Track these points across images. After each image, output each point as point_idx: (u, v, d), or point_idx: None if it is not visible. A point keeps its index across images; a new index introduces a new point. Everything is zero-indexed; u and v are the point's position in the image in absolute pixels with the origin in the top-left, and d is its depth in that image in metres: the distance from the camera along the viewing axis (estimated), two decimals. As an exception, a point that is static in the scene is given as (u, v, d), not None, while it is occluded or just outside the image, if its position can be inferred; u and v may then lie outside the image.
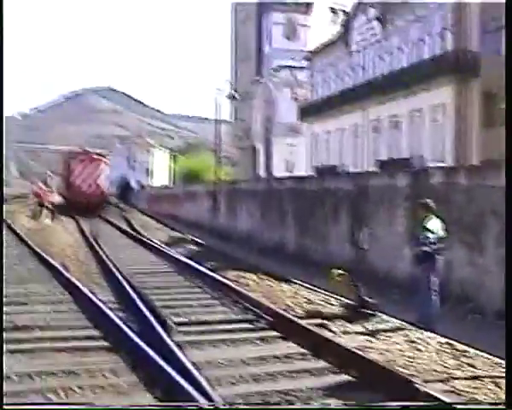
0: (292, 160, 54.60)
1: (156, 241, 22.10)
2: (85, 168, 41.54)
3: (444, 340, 8.99)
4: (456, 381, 6.96)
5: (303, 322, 9.28)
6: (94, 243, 20.07)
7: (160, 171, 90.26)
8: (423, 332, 9.48)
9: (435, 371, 7.40)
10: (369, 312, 10.49)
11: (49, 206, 34.98)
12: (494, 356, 8.00)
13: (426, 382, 6.75)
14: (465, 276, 12.85)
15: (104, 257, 16.17)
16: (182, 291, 12.58)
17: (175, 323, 9.43)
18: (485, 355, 8.18)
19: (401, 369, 7.22)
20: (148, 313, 9.14)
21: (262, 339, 8.76)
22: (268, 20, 58.45)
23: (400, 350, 8.29)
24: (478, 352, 8.37)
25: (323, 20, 51.87)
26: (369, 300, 10.74)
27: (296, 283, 13.78)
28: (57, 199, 43.50)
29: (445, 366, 7.60)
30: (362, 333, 9.32)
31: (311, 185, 20.04)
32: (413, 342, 8.85)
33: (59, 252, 18.77)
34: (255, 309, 10.36)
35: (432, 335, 9.35)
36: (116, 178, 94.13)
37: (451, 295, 12.44)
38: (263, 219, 24.18)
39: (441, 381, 6.98)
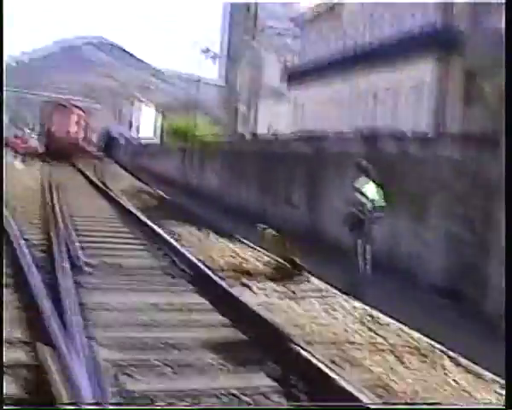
0: (275, 123, 53.95)
1: (115, 192, 21.74)
2: (62, 118, 44.21)
3: (359, 305, 8.72)
4: (350, 345, 6.67)
5: (219, 276, 9.00)
6: (51, 187, 19.75)
7: (148, 126, 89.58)
8: (348, 299, 9.19)
9: (334, 333, 7.13)
10: (296, 272, 10.27)
11: (20, 151, 36.09)
12: (407, 326, 7.74)
13: (317, 344, 6.47)
14: (405, 248, 12.58)
15: (51, 200, 15.84)
16: (115, 236, 12.32)
17: (86, 264, 9.19)
18: (399, 325, 7.90)
19: (297, 330, 6.93)
20: (57, 254, 8.86)
21: (170, 291, 8.46)
22: (263, -19, 57.37)
23: (307, 311, 8.01)
24: (392, 321, 8.11)
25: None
26: (297, 260, 10.49)
27: (242, 242, 13.43)
28: (32, 146, 45.17)
29: (347, 330, 7.31)
30: (278, 292, 9.04)
31: (273, 147, 19.65)
32: (327, 305, 8.59)
33: (11, 191, 18.44)
34: (177, 260, 10.09)
35: (353, 302, 9.08)
36: (101, 130, 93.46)
37: (388, 265, 12.19)
38: (228, 178, 23.85)
39: (334, 343, 6.69)
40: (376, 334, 7.29)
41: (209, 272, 8.83)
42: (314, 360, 5.41)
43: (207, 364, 5.66)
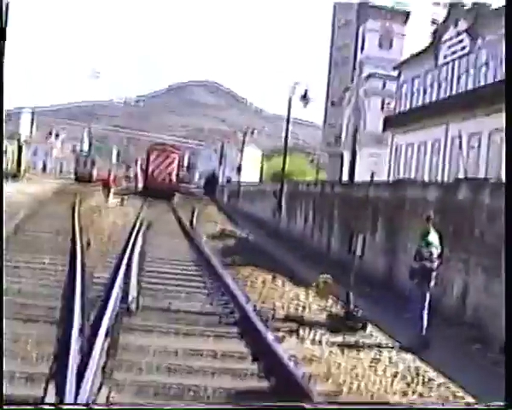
0: (376, 170, 53.29)
1: (201, 233, 22.10)
2: (160, 159, 47.57)
3: (415, 365, 8.24)
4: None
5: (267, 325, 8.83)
6: (140, 226, 20.37)
7: (249, 167, 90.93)
8: (402, 354, 8.76)
9: (371, 394, 6.72)
10: (353, 324, 9.93)
11: (113, 188, 37.99)
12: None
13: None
14: (471, 299, 11.87)
15: (133, 240, 16.21)
16: (179, 279, 12.41)
17: (138, 306, 9.32)
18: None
19: (328, 386, 6.64)
20: (112, 295, 9.09)
21: (217, 336, 8.38)
22: (364, 27, 57.31)
23: (352, 366, 7.61)
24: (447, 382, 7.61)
25: (419, 30, 50.26)
26: (355, 311, 10.15)
27: (309, 287, 13.14)
28: (124, 184, 47.87)
29: (387, 391, 6.88)
30: (330, 342, 8.74)
31: (357, 192, 19.33)
32: (378, 361, 8.18)
33: (97, 229, 19.21)
34: (232, 306, 10.01)
35: (409, 357, 8.62)
36: (204, 170, 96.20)
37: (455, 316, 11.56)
38: (313, 222, 23.66)
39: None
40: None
41: (257, 323, 8.58)
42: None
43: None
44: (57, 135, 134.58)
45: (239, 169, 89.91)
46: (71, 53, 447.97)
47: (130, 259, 13.03)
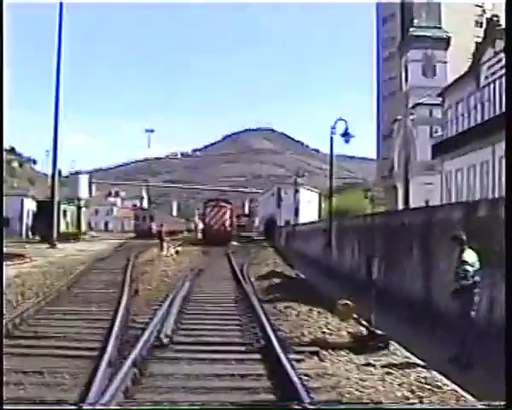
0: (430, 197, 53.15)
1: (250, 275, 22.83)
2: (214, 212, 56.86)
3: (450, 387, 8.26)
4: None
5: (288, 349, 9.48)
6: (190, 273, 21.39)
7: (307, 209, 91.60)
8: (432, 372, 8.95)
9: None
10: (375, 344, 10.38)
11: (166, 239, 40.06)
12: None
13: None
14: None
15: (179, 286, 17.12)
16: (217, 319, 13.06)
17: (170, 341, 10.11)
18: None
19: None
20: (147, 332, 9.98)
21: (237, 360, 9.08)
22: (406, 58, 57.89)
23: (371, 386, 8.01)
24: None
25: (461, 55, 50.45)
26: (376, 331, 10.62)
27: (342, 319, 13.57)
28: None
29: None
30: (349, 362, 9.27)
31: (395, 220, 19.76)
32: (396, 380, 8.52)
33: (147, 278, 20.20)
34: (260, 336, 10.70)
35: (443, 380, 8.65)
36: (264, 215, 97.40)
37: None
38: (359, 254, 24.04)
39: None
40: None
41: (278, 349, 9.21)
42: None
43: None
44: (117, 193, 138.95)
45: (296, 211, 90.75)
46: (121, 109, 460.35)
47: (172, 302, 13.95)
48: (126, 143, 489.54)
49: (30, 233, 57.02)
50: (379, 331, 10.72)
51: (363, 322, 11.76)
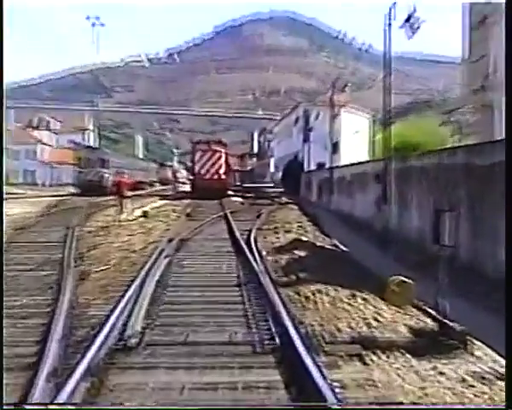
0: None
1: (260, 248, 23.31)
2: (205, 157, 64.79)
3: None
4: None
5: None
6: (168, 248, 22.07)
7: (354, 144, 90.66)
8: None
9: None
10: (448, 342, 10.80)
11: (128, 195, 41.20)
12: None
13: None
14: None
15: (148, 266, 17.76)
16: (212, 308, 13.74)
17: (142, 341, 10.83)
18: None
19: None
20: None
21: (245, 367, 9.74)
22: None
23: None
24: None
25: None
26: (452, 324, 11.02)
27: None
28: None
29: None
30: (412, 369, 9.79)
31: (487, 158, 20.10)
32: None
33: (100, 256, 20.85)
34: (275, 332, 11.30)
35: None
36: (282, 155, 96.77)
37: None
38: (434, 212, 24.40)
39: None
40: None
41: (302, 352, 9.79)
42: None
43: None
44: (47, 124, 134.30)
45: (334, 147, 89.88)
46: None
47: (140, 289, 14.57)
48: (61, 43, 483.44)
49: None
50: (453, 324, 11.14)
51: (429, 310, 12.24)
